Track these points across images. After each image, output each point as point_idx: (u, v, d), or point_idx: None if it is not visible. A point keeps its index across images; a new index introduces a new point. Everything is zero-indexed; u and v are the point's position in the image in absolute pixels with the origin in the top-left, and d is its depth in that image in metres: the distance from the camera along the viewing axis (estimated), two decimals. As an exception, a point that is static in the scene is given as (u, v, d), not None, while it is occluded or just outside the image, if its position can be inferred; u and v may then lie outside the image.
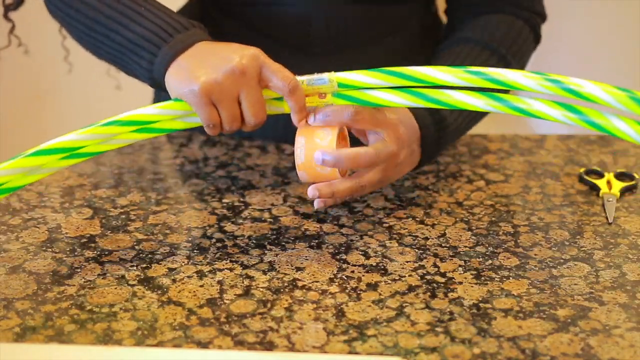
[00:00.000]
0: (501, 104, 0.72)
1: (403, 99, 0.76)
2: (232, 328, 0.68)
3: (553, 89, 0.69)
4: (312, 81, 0.78)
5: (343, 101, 0.78)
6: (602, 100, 0.67)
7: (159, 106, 0.78)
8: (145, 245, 0.80)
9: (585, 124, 0.69)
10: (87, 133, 0.76)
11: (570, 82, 0.68)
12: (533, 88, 0.70)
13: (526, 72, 0.70)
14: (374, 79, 0.76)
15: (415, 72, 0.75)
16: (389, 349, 0.65)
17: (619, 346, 0.66)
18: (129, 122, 0.77)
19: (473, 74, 0.72)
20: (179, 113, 0.78)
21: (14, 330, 0.67)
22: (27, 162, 0.75)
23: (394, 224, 0.84)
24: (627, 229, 0.83)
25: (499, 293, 0.73)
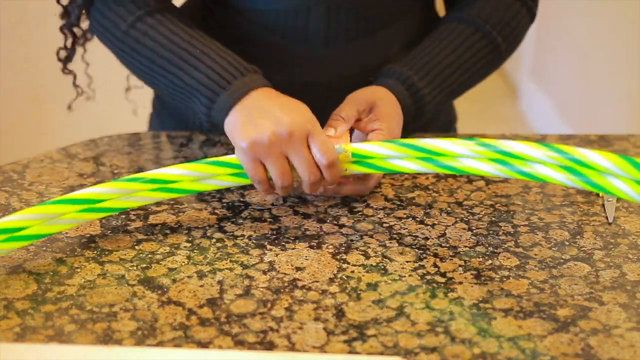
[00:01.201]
0: (508, 169, 0.76)
1: (418, 166, 0.80)
2: (232, 328, 0.68)
3: (559, 159, 0.73)
4: None
5: (360, 167, 0.83)
6: (604, 167, 0.71)
7: (185, 167, 0.82)
8: (145, 245, 0.80)
9: (588, 185, 0.72)
10: (108, 187, 0.80)
11: (576, 152, 0.73)
12: (540, 159, 0.74)
13: (533, 144, 0.75)
14: (387, 150, 0.81)
15: (427, 145, 0.79)
16: (389, 349, 0.65)
17: (619, 346, 0.66)
18: (151, 180, 0.81)
19: (483, 146, 0.77)
20: (204, 175, 0.82)
21: (14, 330, 0.67)
22: (47, 210, 0.77)
23: (394, 224, 0.84)
24: (627, 229, 0.83)
25: (499, 293, 0.73)
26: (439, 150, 0.78)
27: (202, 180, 0.82)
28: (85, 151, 1.00)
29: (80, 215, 0.79)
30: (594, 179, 0.72)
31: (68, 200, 0.78)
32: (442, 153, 0.78)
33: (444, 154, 0.78)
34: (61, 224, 0.78)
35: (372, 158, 0.82)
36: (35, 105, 2.34)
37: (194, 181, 0.82)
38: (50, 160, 0.97)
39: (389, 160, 0.81)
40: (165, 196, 0.82)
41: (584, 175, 0.72)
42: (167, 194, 0.82)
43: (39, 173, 0.94)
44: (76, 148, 1.01)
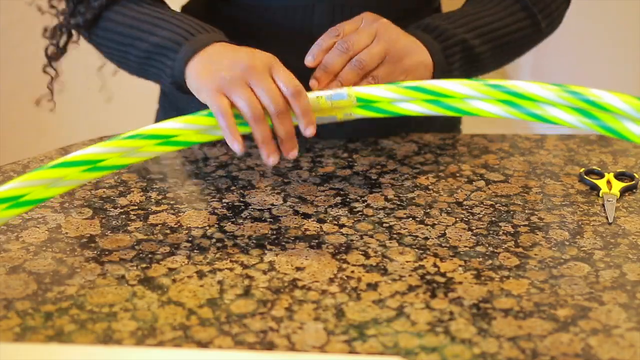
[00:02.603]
0: (518, 110, 0.74)
1: (424, 108, 0.78)
2: (232, 328, 0.68)
3: (572, 100, 0.71)
4: (331, 96, 0.80)
5: (364, 111, 0.80)
6: (620, 109, 0.69)
7: (182, 120, 0.79)
8: (145, 245, 0.80)
9: (601, 128, 0.70)
10: (109, 146, 0.77)
11: (590, 93, 0.70)
12: (552, 100, 0.72)
13: (545, 84, 0.72)
14: (393, 94, 0.79)
15: (434, 87, 0.77)
16: (389, 349, 0.65)
17: (619, 346, 0.66)
18: (151, 136, 0.78)
19: (492, 87, 0.74)
20: (203, 127, 0.80)
21: (14, 330, 0.67)
22: (48, 174, 0.75)
23: (394, 224, 0.84)
24: (627, 229, 0.83)
25: (499, 293, 0.73)
26: (445, 91, 0.76)
27: (204, 132, 0.80)
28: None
29: (83, 175, 0.77)
30: (607, 122, 0.70)
31: (68, 162, 0.76)
32: (449, 94, 0.76)
33: (450, 95, 0.76)
34: (63, 185, 0.76)
35: (377, 102, 0.80)
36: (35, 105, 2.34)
37: (196, 133, 0.80)
38: (50, 160, 0.97)
39: (394, 103, 0.79)
40: (169, 149, 0.79)
41: (597, 118, 0.70)
42: (171, 146, 0.79)
43: (39, 173, 0.94)
44: (76, 148, 1.01)
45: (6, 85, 2.23)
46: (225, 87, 0.79)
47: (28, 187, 0.74)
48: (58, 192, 0.76)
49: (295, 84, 0.79)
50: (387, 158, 0.98)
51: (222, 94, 0.79)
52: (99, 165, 0.77)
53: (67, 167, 0.76)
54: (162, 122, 0.79)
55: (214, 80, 0.79)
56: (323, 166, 0.96)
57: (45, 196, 0.76)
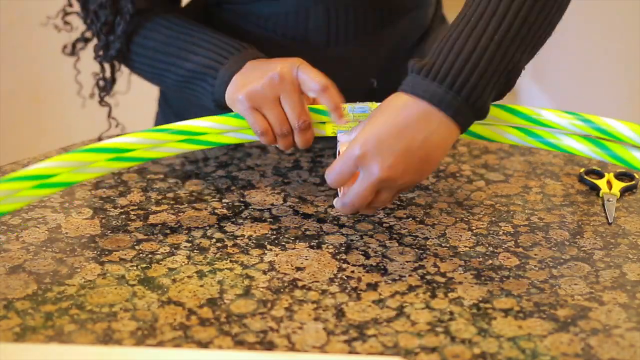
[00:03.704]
0: (535, 140, 0.79)
1: None
2: (232, 328, 0.68)
3: (585, 129, 0.76)
4: (354, 109, 0.82)
5: None
6: (628, 137, 0.74)
7: (211, 119, 0.83)
8: (145, 245, 0.80)
9: (611, 157, 0.76)
10: (137, 137, 0.80)
11: (601, 122, 0.76)
12: (566, 127, 0.77)
13: (559, 112, 0.77)
14: None
15: None
16: (389, 349, 0.65)
17: (619, 346, 0.66)
18: (179, 132, 0.82)
19: (509, 112, 0.79)
20: (229, 128, 0.84)
21: (14, 330, 0.67)
22: (76, 157, 0.78)
23: (394, 224, 0.84)
24: (627, 229, 0.83)
25: (499, 293, 0.73)
26: None
27: (227, 133, 0.84)
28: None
29: (109, 164, 0.80)
30: (616, 151, 0.75)
31: (97, 149, 0.79)
32: None
33: None
34: (89, 172, 0.79)
35: None
36: (35, 105, 2.34)
37: (220, 134, 0.84)
38: (50, 160, 0.97)
39: None
40: (193, 148, 0.84)
41: (607, 148, 0.75)
42: (195, 145, 0.84)
43: (39, 173, 0.94)
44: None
45: (6, 85, 2.23)
46: (257, 103, 0.82)
47: (57, 167, 0.77)
48: (82, 178, 0.79)
49: (323, 80, 0.81)
50: (387, 158, 0.98)
51: (256, 111, 0.83)
52: (124, 156, 0.80)
53: (96, 152, 0.78)
54: (192, 119, 0.83)
55: (248, 96, 0.82)
56: (323, 166, 0.96)
57: (70, 180, 0.78)
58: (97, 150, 0.79)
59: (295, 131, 0.83)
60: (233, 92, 0.85)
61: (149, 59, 0.94)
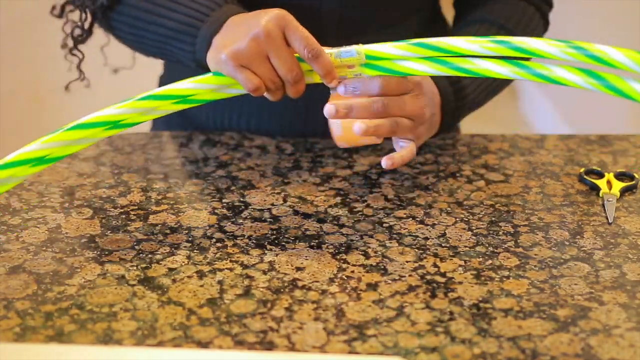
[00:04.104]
0: (524, 71, 0.74)
1: (430, 68, 0.78)
2: (232, 328, 0.68)
3: (577, 56, 0.70)
4: (340, 54, 0.80)
5: (371, 71, 0.80)
6: (624, 65, 0.68)
7: (195, 80, 0.81)
8: (145, 245, 0.80)
9: (606, 88, 0.70)
10: (125, 107, 0.79)
11: (595, 49, 0.70)
12: (557, 55, 0.71)
13: (550, 39, 0.72)
14: (401, 51, 0.79)
15: (441, 43, 0.76)
16: (389, 349, 0.65)
17: (619, 346, 0.66)
18: (167, 96, 0.80)
19: (498, 43, 0.74)
20: (216, 87, 0.81)
21: (14, 330, 0.67)
22: (68, 136, 0.77)
23: (394, 224, 0.84)
24: (627, 229, 0.83)
25: (499, 293, 0.73)
26: (451, 48, 0.76)
27: (217, 91, 0.82)
28: (85, 151, 1.00)
29: (104, 133, 0.79)
30: (613, 82, 0.69)
31: (89, 124, 0.77)
32: (455, 51, 0.76)
33: (457, 52, 0.76)
34: (84, 143, 0.78)
35: (384, 60, 0.80)
36: (35, 105, 2.34)
37: (211, 92, 0.82)
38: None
39: (400, 62, 0.79)
40: (187, 106, 0.81)
41: (602, 78, 0.70)
42: (188, 104, 0.81)
43: (38, 173, 0.94)
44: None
45: (6, 85, 2.23)
46: (244, 61, 0.79)
47: (49, 148, 0.76)
48: (81, 147, 0.79)
49: (313, 46, 0.79)
50: (387, 158, 0.98)
51: (244, 68, 0.80)
52: (120, 123, 0.79)
53: (89, 128, 0.77)
54: (176, 82, 0.80)
55: (233, 56, 0.79)
56: (323, 166, 0.96)
57: (67, 153, 0.78)
58: (88, 125, 0.77)
59: (287, 84, 0.81)
60: (215, 52, 0.82)
61: (130, 18, 0.93)
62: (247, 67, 0.80)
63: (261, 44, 0.79)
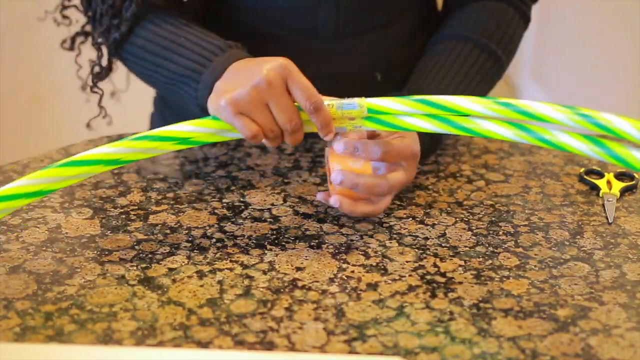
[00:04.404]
0: (528, 135, 0.73)
1: (432, 125, 0.77)
2: (232, 328, 0.68)
3: (583, 123, 0.70)
4: (342, 105, 0.79)
5: (372, 124, 0.79)
6: (630, 135, 0.69)
7: (195, 123, 0.80)
8: (145, 245, 0.80)
9: (610, 157, 0.70)
10: (123, 146, 0.78)
11: (600, 117, 0.70)
12: (563, 122, 0.71)
13: (556, 105, 0.72)
14: (403, 106, 0.78)
15: (444, 102, 0.76)
16: (389, 349, 0.65)
17: (619, 346, 0.66)
18: (166, 138, 0.79)
19: (503, 106, 0.73)
20: (215, 130, 0.80)
21: (14, 330, 0.67)
22: (66, 172, 0.76)
23: (394, 224, 0.84)
24: (627, 229, 0.83)
25: (499, 293, 0.73)
26: (454, 107, 0.76)
27: (217, 134, 0.81)
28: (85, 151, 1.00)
29: (96, 169, 0.78)
30: (616, 150, 0.69)
31: (85, 161, 0.77)
32: (458, 110, 0.75)
33: (459, 111, 0.75)
34: (82, 177, 0.78)
35: (385, 114, 0.79)
36: (35, 105, 2.34)
37: (212, 135, 0.81)
38: (50, 160, 0.97)
39: (402, 117, 0.78)
40: (184, 147, 0.81)
41: (606, 147, 0.70)
42: (186, 145, 0.81)
43: (39, 173, 0.94)
44: (76, 148, 1.01)
45: (6, 85, 2.23)
46: (243, 109, 0.78)
47: (42, 184, 0.75)
48: (73, 182, 0.78)
49: (314, 98, 0.78)
50: (387, 158, 0.98)
51: (242, 115, 0.79)
52: (119, 160, 0.78)
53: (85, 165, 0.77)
54: (174, 124, 0.79)
55: (232, 103, 0.78)
56: (323, 166, 0.96)
57: (58, 187, 0.77)
58: (85, 162, 0.76)
59: (286, 133, 0.80)
60: (215, 98, 0.81)
61: (138, 58, 0.93)
62: (246, 115, 0.79)
63: (262, 93, 0.78)
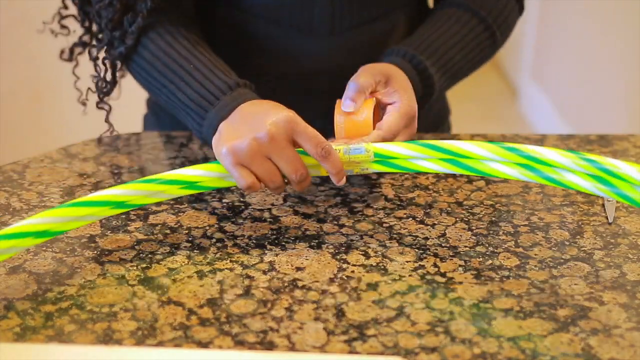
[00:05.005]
0: (535, 174, 0.75)
1: (441, 167, 0.79)
2: (232, 328, 0.68)
3: (589, 168, 0.72)
4: (350, 150, 0.80)
5: (380, 166, 0.81)
6: (636, 179, 0.70)
7: (203, 167, 0.80)
8: (145, 245, 0.80)
9: (617, 196, 0.72)
10: (131, 189, 0.77)
11: (606, 162, 0.72)
12: (569, 167, 0.73)
13: (561, 150, 0.74)
14: (410, 151, 0.79)
15: (451, 147, 0.78)
16: (389, 349, 0.65)
17: (619, 346, 0.66)
18: (173, 182, 0.79)
19: (509, 151, 0.76)
20: (221, 175, 0.81)
21: (14, 330, 0.67)
22: (72, 212, 0.75)
23: (394, 224, 0.84)
24: (627, 229, 0.83)
25: (499, 293, 0.73)
26: (463, 152, 0.77)
27: (227, 178, 0.81)
28: (85, 151, 1.00)
29: (105, 212, 0.77)
30: (623, 189, 0.71)
31: (93, 202, 0.76)
32: (467, 155, 0.77)
33: (468, 156, 0.77)
34: (87, 220, 0.77)
35: (394, 158, 0.80)
36: (35, 105, 2.34)
37: (217, 180, 0.81)
38: (50, 160, 0.97)
39: (412, 160, 0.80)
40: (193, 192, 0.81)
41: (613, 186, 0.72)
42: (195, 190, 0.81)
43: (39, 173, 0.94)
44: (76, 148, 1.01)
45: (6, 85, 2.23)
46: (244, 160, 0.78)
47: (50, 223, 0.74)
48: (78, 225, 0.77)
49: (322, 145, 0.78)
50: (387, 158, 0.98)
51: (242, 166, 0.79)
52: (125, 204, 0.78)
53: (92, 206, 0.76)
54: (183, 168, 0.80)
55: (232, 153, 0.78)
56: (323, 166, 0.96)
57: (64, 229, 0.76)
58: (93, 203, 0.76)
59: (293, 183, 0.80)
60: (217, 143, 0.81)
61: (146, 73, 0.92)
62: (245, 166, 0.79)
63: (262, 146, 0.78)
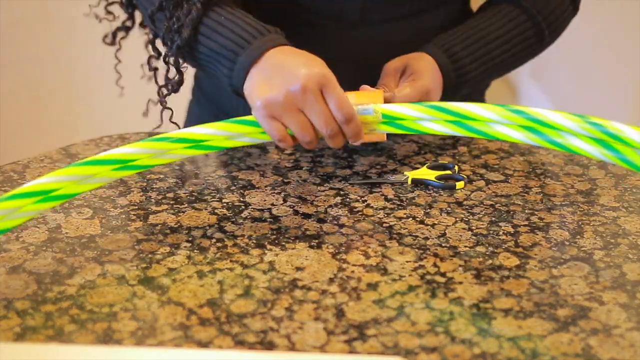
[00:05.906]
0: (539, 138, 0.76)
1: (447, 128, 0.80)
2: (232, 328, 0.68)
3: (593, 132, 0.72)
4: (358, 111, 0.82)
5: (389, 127, 0.83)
6: None
7: (211, 126, 0.82)
8: (145, 245, 0.80)
9: (620, 161, 0.72)
10: (139, 147, 0.79)
11: (611, 126, 0.71)
12: (573, 130, 0.73)
13: (567, 113, 0.74)
14: (417, 112, 0.81)
15: (457, 108, 0.79)
16: (389, 349, 0.65)
17: (619, 346, 0.66)
18: (180, 140, 0.80)
19: (515, 113, 0.76)
20: (233, 134, 0.82)
21: (14, 330, 0.67)
22: (80, 171, 0.76)
23: (394, 224, 0.84)
24: (627, 229, 0.83)
25: (499, 293, 0.73)
26: (468, 114, 0.78)
27: (233, 138, 0.83)
28: (85, 151, 1.00)
29: (114, 174, 0.79)
30: (627, 155, 0.71)
31: (99, 160, 0.77)
32: (472, 117, 0.78)
33: (474, 118, 0.78)
34: (93, 182, 0.78)
35: (402, 119, 0.82)
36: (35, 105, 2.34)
37: (225, 139, 0.82)
38: (51, 160, 0.97)
39: (419, 122, 0.81)
40: (198, 153, 0.83)
41: (617, 151, 0.72)
42: (200, 150, 0.82)
43: (39, 173, 0.94)
44: (76, 148, 1.01)
45: (6, 85, 2.23)
46: (277, 113, 0.81)
47: (59, 182, 0.75)
48: (88, 188, 0.78)
49: (347, 110, 0.81)
50: (387, 158, 0.98)
51: (273, 119, 0.81)
52: (129, 165, 0.79)
53: (98, 164, 0.77)
54: (192, 127, 0.81)
55: (267, 106, 0.81)
56: (323, 166, 0.96)
57: (75, 192, 0.77)
58: (99, 162, 0.77)
59: (325, 137, 0.82)
60: (250, 94, 0.83)
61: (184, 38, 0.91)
62: (278, 119, 0.81)
63: (296, 99, 0.80)
